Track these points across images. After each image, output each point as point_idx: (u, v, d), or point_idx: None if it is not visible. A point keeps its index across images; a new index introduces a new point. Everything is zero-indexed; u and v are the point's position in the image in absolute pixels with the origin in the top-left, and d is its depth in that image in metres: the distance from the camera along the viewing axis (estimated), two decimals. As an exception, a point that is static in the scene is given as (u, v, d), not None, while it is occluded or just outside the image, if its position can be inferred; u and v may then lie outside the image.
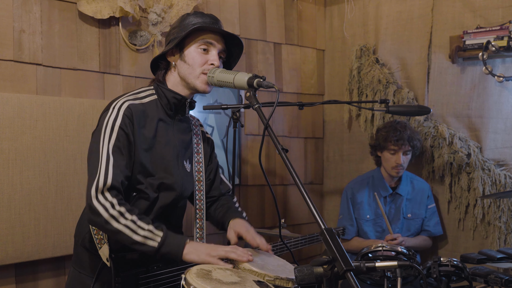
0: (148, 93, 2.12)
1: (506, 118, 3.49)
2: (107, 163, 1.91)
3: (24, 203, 2.67)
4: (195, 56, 2.07)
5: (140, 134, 2.01)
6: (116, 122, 1.97)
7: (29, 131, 2.69)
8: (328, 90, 4.43)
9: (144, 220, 1.90)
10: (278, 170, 4.10)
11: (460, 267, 2.56)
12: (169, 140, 2.11)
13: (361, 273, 1.50)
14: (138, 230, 1.87)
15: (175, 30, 2.11)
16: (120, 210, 1.86)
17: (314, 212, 1.50)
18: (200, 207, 2.27)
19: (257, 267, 1.87)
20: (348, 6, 4.14)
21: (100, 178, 1.88)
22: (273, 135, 1.72)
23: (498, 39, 3.33)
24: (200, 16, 2.11)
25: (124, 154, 1.96)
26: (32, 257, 2.71)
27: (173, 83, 2.13)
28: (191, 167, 2.23)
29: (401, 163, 3.41)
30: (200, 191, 2.28)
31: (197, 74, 2.07)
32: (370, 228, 3.55)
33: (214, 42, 2.09)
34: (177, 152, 2.14)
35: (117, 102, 2.03)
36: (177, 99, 2.11)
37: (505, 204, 3.44)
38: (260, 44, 3.96)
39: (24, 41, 2.76)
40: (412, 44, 3.85)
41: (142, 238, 1.87)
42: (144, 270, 1.94)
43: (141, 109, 2.04)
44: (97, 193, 1.87)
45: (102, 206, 1.86)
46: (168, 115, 2.13)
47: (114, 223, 1.85)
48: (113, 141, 1.94)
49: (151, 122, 2.06)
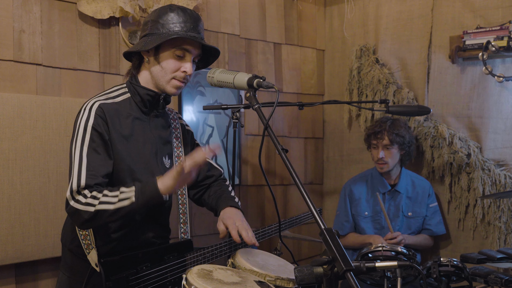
0: (120, 92, 2.10)
1: (506, 118, 3.49)
2: (79, 166, 1.90)
3: (24, 203, 2.67)
4: (169, 61, 2.04)
5: (116, 134, 1.99)
6: (89, 122, 1.95)
7: (29, 131, 2.69)
8: (328, 90, 4.43)
9: (114, 189, 1.90)
10: (278, 170, 4.10)
11: (460, 267, 2.56)
12: (146, 138, 2.10)
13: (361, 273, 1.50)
14: (112, 199, 1.87)
15: (152, 24, 2.04)
16: (92, 195, 1.87)
17: (314, 212, 1.50)
18: (183, 201, 2.26)
19: (258, 267, 1.87)
20: (348, 6, 4.14)
21: (74, 181, 1.88)
22: (273, 135, 1.72)
23: (498, 39, 3.33)
24: (182, 14, 2.04)
25: (101, 153, 1.94)
26: (32, 257, 2.71)
27: (146, 79, 2.11)
28: (170, 163, 2.20)
29: (381, 157, 3.42)
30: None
31: (168, 79, 2.06)
32: (368, 225, 3.55)
33: (191, 49, 2.06)
34: (155, 150, 2.12)
35: (88, 103, 2.01)
36: (151, 95, 2.09)
37: (505, 204, 3.44)
38: (260, 44, 3.96)
39: (24, 41, 2.76)
40: (412, 44, 3.85)
41: (118, 202, 1.86)
42: (134, 271, 1.93)
43: (114, 107, 2.02)
44: (72, 194, 1.88)
45: (77, 202, 1.86)
46: (143, 112, 2.11)
47: (90, 208, 1.85)
48: (87, 142, 1.93)
49: (126, 121, 2.04)
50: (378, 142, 3.44)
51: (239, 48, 3.81)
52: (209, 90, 3.58)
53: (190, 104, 3.46)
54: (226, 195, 2.30)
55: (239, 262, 1.91)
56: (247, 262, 1.89)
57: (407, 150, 3.48)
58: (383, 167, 3.46)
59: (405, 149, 3.47)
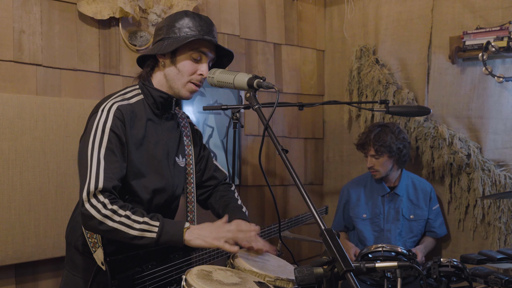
0: (134, 93, 2.11)
1: (506, 118, 3.50)
2: (97, 167, 1.89)
3: (24, 204, 2.67)
4: (186, 64, 2.06)
5: (131, 135, 2.00)
6: (107, 124, 1.95)
7: (29, 132, 2.69)
8: (328, 90, 4.43)
9: (137, 213, 1.89)
10: (278, 170, 4.10)
11: (460, 268, 2.56)
12: (158, 139, 2.11)
13: (361, 273, 1.50)
14: (134, 225, 1.86)
15: (168, 29, 2.07)
16: (112, 208, 1.85)
17: (314, 212, 1.50)
18: (191, 199, 2.26)
19: (258, 267, 1.87)
20: (348, 6, 4.14)
21: (91, 182, 1.86)
22: (273, 135, 1.72)
23: (498, 39, 3.33)
24: (197, 19, 2.07)
25: (118, 156, 1.94)
26: (32, 258, 2.71)
27: (159, 82, 2.11)
28: (185, 161, 2.22)
29: (371, 166, 3.45)
30: (190, 184, 2.28)
31: (185, 82, 2.07)
32: (367, 228, 3.54)
33: (207, 52, 2.08)
34: (167, 151, 2.13)
35: (106, 104, 2.00)
36: (164, 98, 2.10)
37: (505, 204, 3.44)
38: (260, 44, 3.96)
39: (24, 41, 2.76)
40: (412, 44, 3.85)
41: (139, 231, 1.86)
42: (140, 270, 1.94)
43: (130, 109, 2.02)
44: (89, 196, 1.85)
45: (94, 208, 1.85)
46: (155, 114, 2.12)
47: (109, 222, 1.84)
48: (105, 144, 1.92)
49: (140, 122, 2.05)
50: (366, 152, 3.49)
51: (239, 48, 3.81)
52: (209, 91, 3.58)
53: (190, 104, 3.46)
54: (234, 204, 2.30)
55: (238, 262, 1.90)
56: (247, 263, 1.89)
57: (397, 157, 3.44)
58: (375, 174, 3.49)
59: (395, 156, 3.43)
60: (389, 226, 3.48)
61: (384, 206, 3.51)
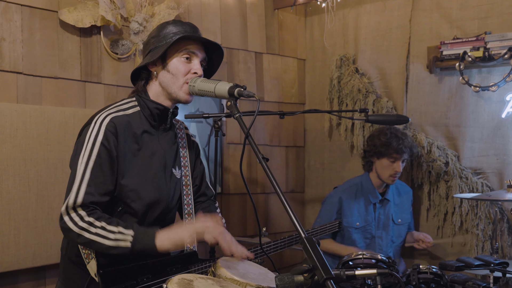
0: (131, 105, 2.10)
1: (483, 127, 3.56)
2: (80, 181, 1.90)
3: (3, 213, 2.64)
4: (178, 65, 2.06)
5: (125, 149, 1.99)
6: (98, 138, 1.94)
7: (9, 140, 2.67)
8: (309, 99, 4.47)
9: (113, 223, 1.89)
10: (259, 178, 4.11)
11: (439, 275, 2.60)
12: (154, 151, 2.10)
13: (341, 281, 1.52)
14: (109, 235, 1.86)
15: (154, 39, 2.09)
16: (89, 220, 1.87)
17: (295, 220, 1.51)
18: (189, 211, 2.26)
19: (239, 275, 1.87)
20: (328, 16, 4.19)
21: (71, 197, 1.88)
22: (254, 144, 1.72)
23: (474, 49, 3.40)
24: (180, 24, 2.10)
25: (105, 170, 1.93)
26: (11, 267, 2.68)
27: (155, 93, 2.12)
28: (181, 173, 2.23)
29: (400, 171, 3.41)
30: (188, 195, 2.27)
31: (181, 84, 2.07)
32: (358, 236, 3.51)
33: (196, 51, 2.09)
34: (164, 162, 2.13)
35: (99, 117, 1.99)
36: (160, 109, 2.10)
37: (482, 212, 3.49)
38: (241, 53, 3.99)
39: (4, 49, 2.74)
40: (390, 54, 3.91)
41: (113, 242, 1.86)
42: (134, 283, 1.91)
43: (126, 120, 2.02)
44: (67, 210, 1.87)
45: (71, 221, 1.86)
46: (152, 126, 2.12)
47: (86, 234, 1.85)
48: (94, 157, 1.92)
49: (136, 134, 2.04)
50: (401, 155, 3.38)
51: (220, 57, 3.82)
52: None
53: (171, 112, 3.46)
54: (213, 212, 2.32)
55: (220, 271, 1.91)
56: (228, 271, 1.90)
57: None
58: (395, 179, 3.44)
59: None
60: (380, 232, 3.50)
61: (375, 213, 3.53)
